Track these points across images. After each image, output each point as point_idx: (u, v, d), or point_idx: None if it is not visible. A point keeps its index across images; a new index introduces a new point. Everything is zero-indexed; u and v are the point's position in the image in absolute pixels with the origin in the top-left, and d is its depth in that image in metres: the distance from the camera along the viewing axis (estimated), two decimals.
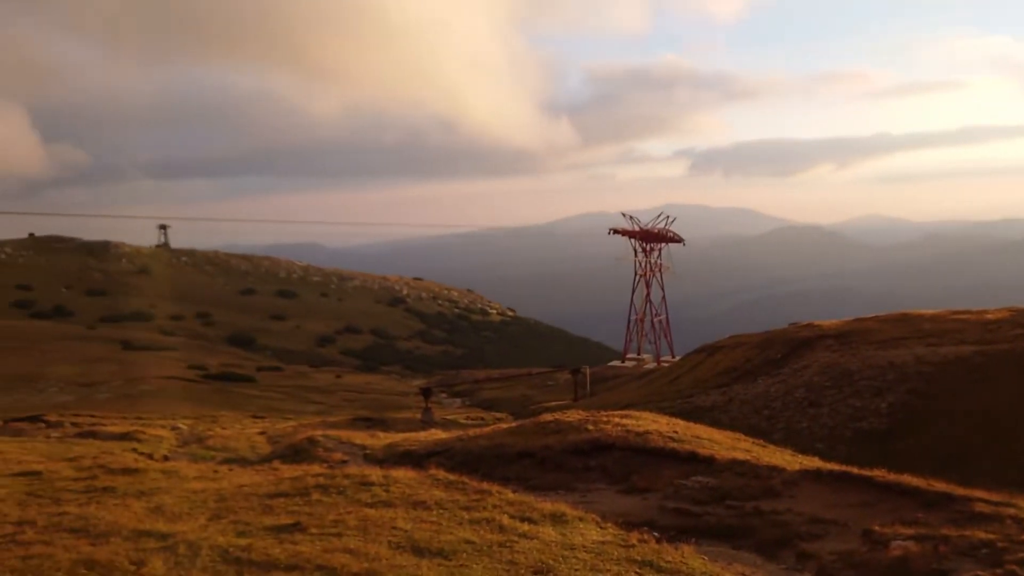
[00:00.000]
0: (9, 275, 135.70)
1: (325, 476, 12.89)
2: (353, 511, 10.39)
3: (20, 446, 23.66)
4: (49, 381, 63.31)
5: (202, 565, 8.14)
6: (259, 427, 40.13)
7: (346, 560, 8.09)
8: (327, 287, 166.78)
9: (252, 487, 12.48)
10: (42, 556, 8.60)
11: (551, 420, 21.22)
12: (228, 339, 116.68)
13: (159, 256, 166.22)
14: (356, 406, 61.94)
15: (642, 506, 13.66)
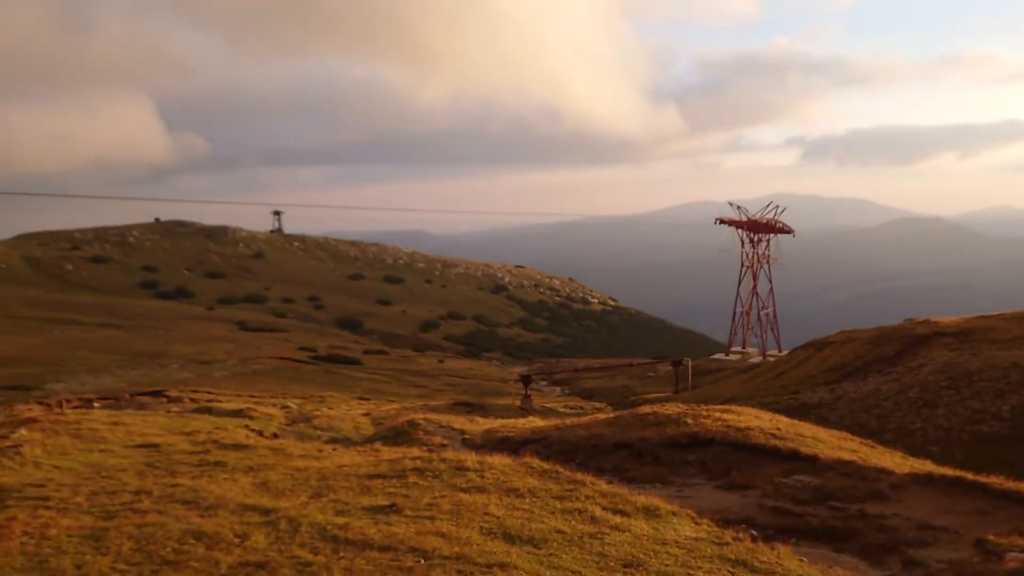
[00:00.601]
0: (137, 257, 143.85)
1: (422, 459, 13.14)
2: (447, 495, 10.56)
3: (143, 419, 25.03)
4: (171, 358, 66.79)
5: (301, 541, 8.44)
6: (364, 409, 41.22)
7: (438, 543, 8.24)
8: (431, 274, 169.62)
9: (352, 467, 12.85)
10: (155, 525, 9.11)
11: (649, 412, 20.98)
12: (337, 322, 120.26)
13: (273, 241, 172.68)
14: (457, 391, 62.87)
15: (740, 503, 13.38)
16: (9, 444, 16.17)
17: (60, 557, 8.07)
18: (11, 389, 48.32)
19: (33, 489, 11.66)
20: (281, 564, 7.70)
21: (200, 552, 8.12)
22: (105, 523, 9.39)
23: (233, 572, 7.57)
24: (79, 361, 61.04)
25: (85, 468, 14.24)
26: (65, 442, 17.26)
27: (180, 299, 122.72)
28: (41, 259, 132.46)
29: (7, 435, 18.16)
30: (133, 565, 7.81)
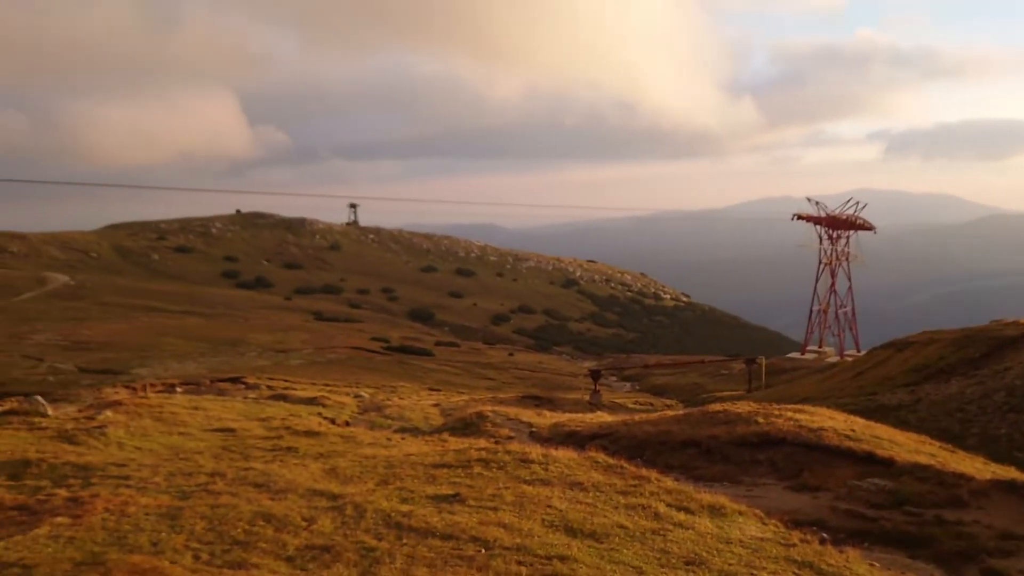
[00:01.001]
0: (219, 248, 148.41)
1: (488, 450, 13.23)
2: (511, 486, 10.61)
3: (221, 404, 25.83)
4: (250, 346, 68.70)
5: (365, 527, 8.60)
6: (434, 399, 41.70)
7: (499, 534, 8.29)
8: (503, 267, 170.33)
9: (419, 456, 13.02)
10: (228, 506, 9.41)
11: (720, 410, 20.67)
12: (409, 314, 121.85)
13: (349, 233, 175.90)
14: (526, 384, 63.04)
15: (811, 505, 13.10)
16: (95, 425, 16.89)
17: (138, 534, 8.40)
18: (101, 373, 50.45)
19: (115, 468, 12.17)
20: (346, 548, 7.87)
21: (269, 534, 8.35)
22: (181, 503, 9.73)
23: (299, 554, 7.77)
24: (164, 347, 63.32)
25: (165, 450, 14.78)
26: (147, 424, 17.94)
27: (259, 289, 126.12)
28: (129, 248, 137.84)
29: (93, 416, 18.99)
30: (206, 544, 8.08)
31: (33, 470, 12.11)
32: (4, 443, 14.40)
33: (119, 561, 7.34)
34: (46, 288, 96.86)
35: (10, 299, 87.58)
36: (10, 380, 45.61)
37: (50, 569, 7.24)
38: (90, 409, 22.17)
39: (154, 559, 7.44)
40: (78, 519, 9.04)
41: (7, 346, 58.81)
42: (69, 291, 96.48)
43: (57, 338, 63.91)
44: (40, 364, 52.62)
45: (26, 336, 64.01)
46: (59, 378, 47.90)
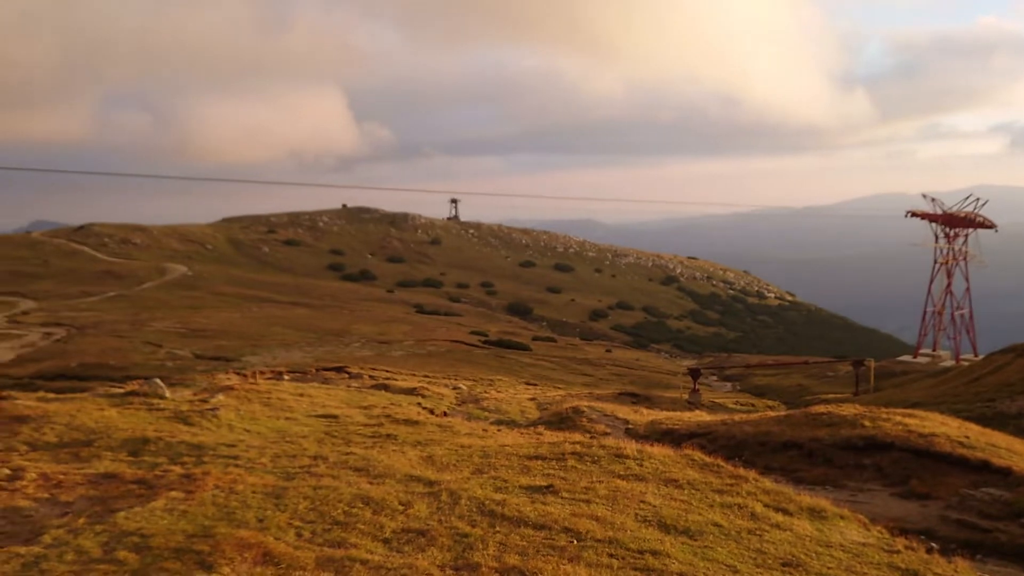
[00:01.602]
0: (326, 241, 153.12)
1: (582, 444, 13.24)
2: (605, 481, 10.60)
3: (326, 392, 26.69)
4: (353, 337, 70.65)
5: (460, 513, 8.76)
6: (530, 393, 41.94)
7: (592, 526, 8.30)
8: (601, 263, 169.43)
9: (514, 448, 13.14)
10: (329, 488, 9.74)
11: (824, 412, 20.04)
12: (508, 308, 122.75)
13: (450, 228, 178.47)
14: (623, 381, 62.59)
15: (919, 513, 12.59)
16: (208, 408, 17.75)
17: (245, 510, 8.81)
18: (215, 360, 52.88)
19: (226, 448, 12.76)
20: (440, 533, 8.04)
21: (367, 516, 8.61)
22: (285, 483, 10.14)
23: (396, 537, 7.98)
24: (273, 336, 65.83)
25: (271, 433, 15.40)
26: (256, 409, 18.72)
27: (363, 281, 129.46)
28: (242, 241, 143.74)
29: (207, 400, 19.95)
30: (307, 523, 8.40)
31: (151, 447, 12.83)
32: (125, 422, 15.30)
33: (228, 535, 7.71)
34: (165, 278, 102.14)
35: (133, 288, 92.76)
36: (132, 364, 48.36)
37: (165, 539, 7.67)
38: (204, 393, 23.29)
39: (260, 535, 7.78)
40: (191, 494, 9.54)
41: (130, 332, 62.33)
42: (187, 281, 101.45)
43: (175, 325, 67.32)
44: (159, 350, 55.54)
45: (147, 323, 67.69)
46: (176, 363, 50.45)
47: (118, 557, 7.28)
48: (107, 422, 15.02)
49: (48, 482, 10.73)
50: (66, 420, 14.90)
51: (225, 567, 6.94)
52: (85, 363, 48.51)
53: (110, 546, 7.66)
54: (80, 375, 44.50)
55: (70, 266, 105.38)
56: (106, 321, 68.24)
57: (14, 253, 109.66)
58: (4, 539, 8.48)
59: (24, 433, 14.03)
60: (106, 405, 17.36)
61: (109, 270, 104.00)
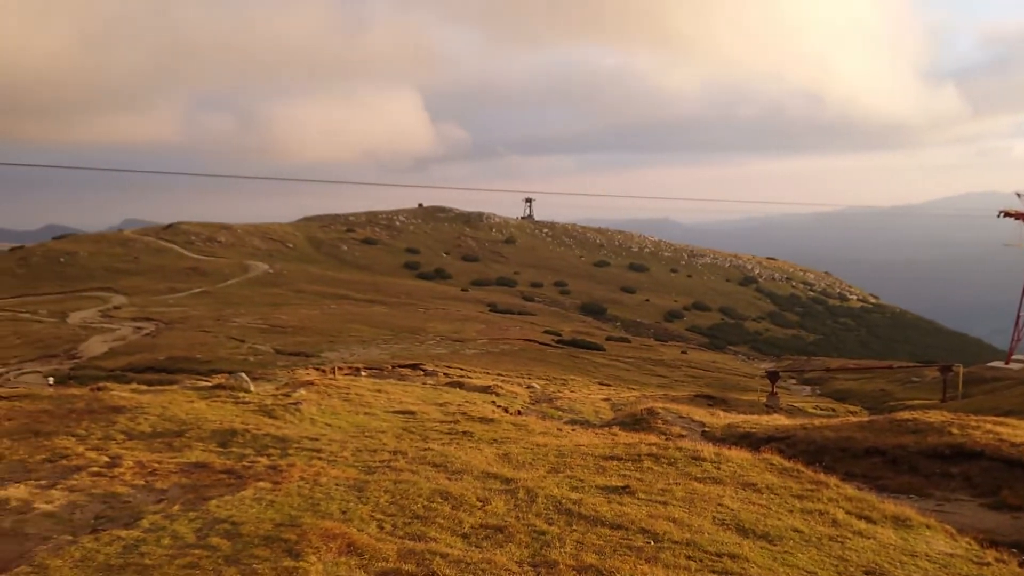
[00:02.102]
0: (402, 240, 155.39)
1: (658, 446, 13.20)
2: (682, 483, 10.56)
3: (402, 389, 27.18)
4: (428, 335, 71.53)
5: (537, 511, 8.86)
6: (604, 394, 41.81)
7: (669, 528, 8.29)
8: (677, 263, 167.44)
9: (589, 447, 13.18)
10: (409, 483, 9.97)
11: (909, 418, 19.47)
12: (581, 308, 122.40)
13: (524, 227, 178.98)
14: (699, 383, 61.76)
15: (1011, 525, 12.15)
16: (291, 402, 18.30)
17: (329, 502, 9.09)
18: (294, 355, 54.24)
19: (309, 442, 13.16)
20: (518, 530, 8.15)
21: (446, 511, 8.79)
22: (366, 477, 10.41)
23: (474, 532, 8.13)
24: (350, 333, 67.16)
25: (351, 427, 15.80)
26: (336, 404, 19.21)
27: (438, 280, 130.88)
28: (321, 240, 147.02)
29: (289, 394, 20.56)
30: (388, 516, 8.63)
31: (238, 439, 13.33)
32: (214, 414, 15.91)
33: (313, 525, 7.99)
34: (248, 275, 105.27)
35: (217, 285, 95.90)
36: (216, 358, 50.01)
37: (255, 527, 7.99)
38: (286, 388, 24.00)
39: (343, 526, 8.03)
40: (277, 485, 9.89)
41: (214, 327, 64.47)
42: (268, 279, 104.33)
43: (257, 321, 69.32)
44: (242, 345, 57.27)
45: (230, 319, 69.89)
46: (258, 358, 51.93)
47: (211, 543, 7.62)
48: (197, 414, 15.64)
49: (144, 470, 11.27)
50: (159, 411, 15.57)
51: (312, 556, 7.19)
52: (173, 356, 50.37)
53: (203, 532, 8.02)
54: (168, 368, 46.24)
55: (159, 263, 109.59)
56: (192, 316, 70.74)
57: (108, 250, 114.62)
58: (106, 522, 8.95)
59: (120, 423, 14.73)
60: (195, 397, 18.08)
61: (195, 267, 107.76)
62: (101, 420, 14.96)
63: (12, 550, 8.29)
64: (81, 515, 9.39)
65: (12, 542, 8.57)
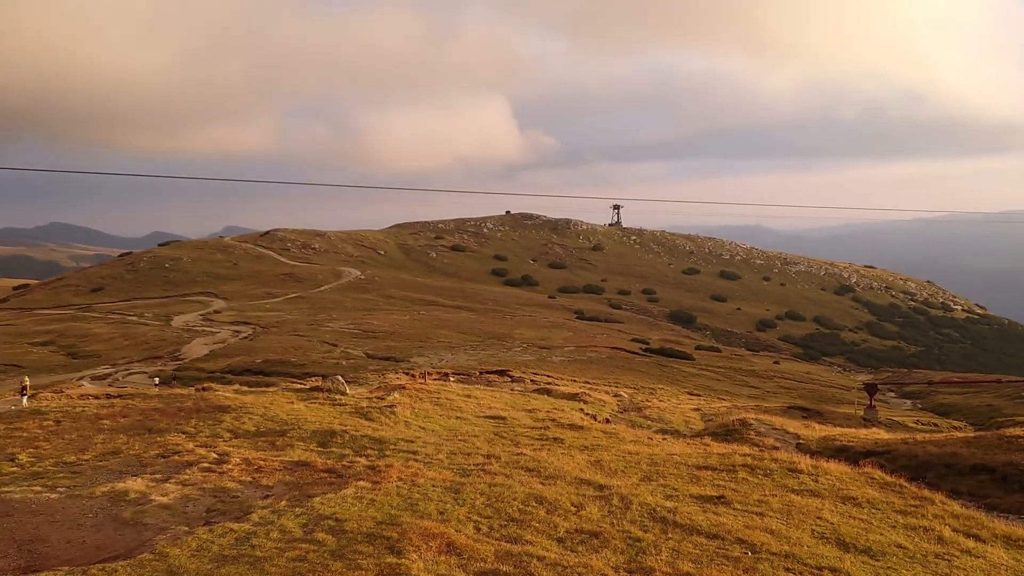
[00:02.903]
0: (490, 247, 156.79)
1: (753, 457, 13.01)
2: (778, 495, 10.40)
3: (490, 394, 27.46)
4: (515, 341, 71.94)
5: (631, 518, 8.88)
6: (694, 404, 41.22)
7: (766, 539, 8.19)
8: (770, 270, 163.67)
9: (682, 457, 13.10)
10: (503, 486, 10.12)
11: (1020, 435, 18.61)
12: (670, 316, 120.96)
13: (611, 234, 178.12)
14: (792, 394, 60.20)
15: None
16: (386, 405, 18.76)
17: (426, 502, 9.33)
18: (385, 360, 55.37)
19: (405, 444, 13.49)
20: (613, 536, 8.19)
21: (541, 515, 8.90)
22: (462, 479, 10.62)
23: (569, 536, 8.21)
24: (439, 339, 68.13)
25: (444, 431, 16.09)
26: (428, 407, 19.58)
27: (525, 287, 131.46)
28: (411, 246, 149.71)
29: (383, 397, 21.06)
30: (485, 518, 8.80)
31: (337, 439, 13.76)
32: (313, 415, 16.45)
33: (413, 525, 8.22)
34: (341, 281, 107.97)
35: (311, 290, 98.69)
36: (311, 362, 51.48)
37: (357, 525, 8.27)
38: (379, 391, 24.59)
39: (442, 526, 8.24)
40: (376, 484, 10.20)
41: (308, 332, 66.37)
42: (360, 284, 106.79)
43: (349, 326, 71.05)
44: (335, 349, 58.77)
45: (323, 323, 71.83)
46: (350, 362, 53.20)
47: (317, 538, 7.93)
48: (297, 415, 16.21)
49: (250, 467, 11.77)
50: (261, 411, 16.21)
51: (412, 554, 7.41)
52: (269, 359, 52.08)
53: (309, 528, 8.35)
54: (264, 371, 47.85)
55: (256, 269, 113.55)
56: (287, 321, 73.02)
57: (209, 256, 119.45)
58: (217, 515, 9.41)
59: (226, 422, 15.40)
60: (295, 399, 18.74)
61: (291, 273, 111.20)
62: (208, 419, 15.68)
63: (134, 538, 8.81)
64: (194, 508, 9.89)
65: (133, 531, 9.10)
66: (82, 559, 8.15)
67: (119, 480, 11.14)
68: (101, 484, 10.95)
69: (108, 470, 11.92)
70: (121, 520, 9.44)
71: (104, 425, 15.48)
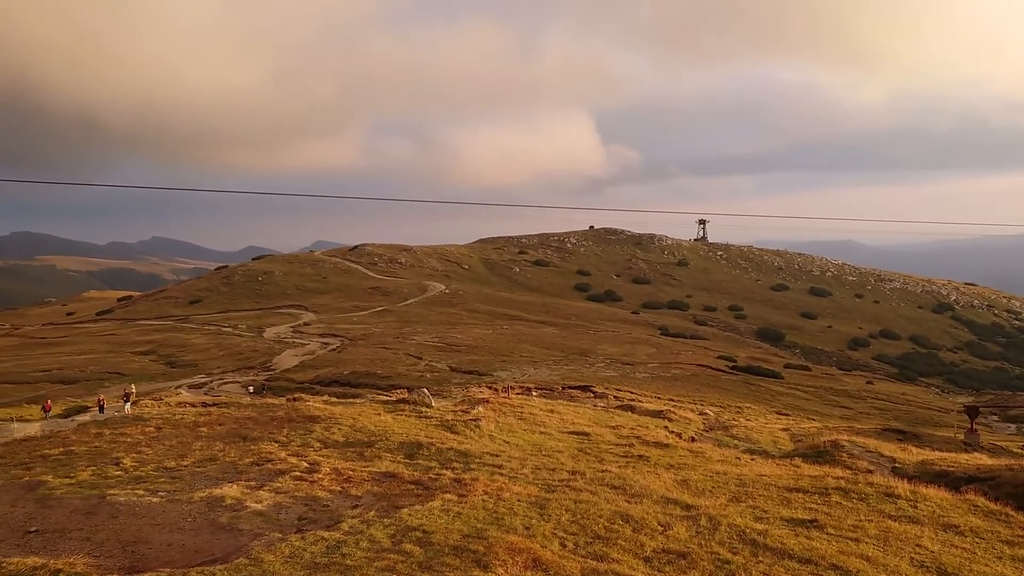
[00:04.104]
0: (573, 262, 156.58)
1: (847, 480, 12.60)
2: (874, 520, 10.04)
3: (573, 410, 27.36)
4: (598, 357, 71.52)
5: (720, 539, 8.71)
6: (782, 424, 40.13)
7: (862, 566, 7.92)
8: (863, 287, 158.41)
9: (772, 478, 12.78)
10: (588, 503, 10.07)
11: None
12: (757, 333, 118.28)
13: (697, 250, 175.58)
14: (887, 416, 57.97)
15: None
16: (471, 418, 18.91)
17: (512, 517, 9.36)
18: (468, 373, 55.84)
19: (490, 457, 13.57)
20: (700, 557, 8.05)
21: (627, 533, 8.82)
22: (547, 495, 10.62)
23: (656, 556, 8.11)
24: (522, 353, 68.31)
25: (528, 446, 16.11)
26: (512, 422, 19.65)
27: (608, 302, 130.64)
28: (495, 261, 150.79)
29: (468, 411, 21.23)
30: (570, 534, 8.77)
31: (424, 452, 13.95)
32: (400, 427, 16.72)
33: (499, 539, 8.26)
34: (426, 295, 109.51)
35: (397, 304, 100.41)
36: (396, 374, 52.32)
37: (444, 537, 8.36)
38: (463, 404, 24.79)
39: (528, 541, 8.25)
40: (462, 498, 10.29)
41: (395, 344, 67.50)
42: (444, 298, 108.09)
43: (433, 339, 71.93)
44: (419, 362, 59.59)
45: (409, 336, 72.94)
46: (434, 375, 53.83)
47: (405, 549, 8.05)
48: (384, 426, 16.50)
49: (339, 476, 12.04)
50: (350, 422, 16.56)
51: (499, 568, 7.44)
52: (356, 371, 53.17)
53: (397, 538, 8.48)
54: (351, 382, 48.87)
55: (345, 282, 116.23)
56: (374, 333, 74.43)
57: (299, 270, 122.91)
58: (308, 523, 9.65)
59: (316, 431, 15.79)
60: (382, 410, 19.07)
61: (377, 286, 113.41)
62: (299, 428, 16.11)
63: (230, 543, 9.12)
64: (286, 515, 10.18)
65: (229, 536, 9.42)
66: (181, 562, 8.48)
67: (216, 486, 11.54)
68: (199, 489, 11.38)
69: (206, 476, 12.38)
70: (218, 525, 9.78)
71: (202, 432, 16.09)
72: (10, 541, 9.62)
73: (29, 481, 12.65)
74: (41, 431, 18.33)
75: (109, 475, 12.67)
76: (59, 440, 16.46)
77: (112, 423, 18.15)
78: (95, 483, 12.12)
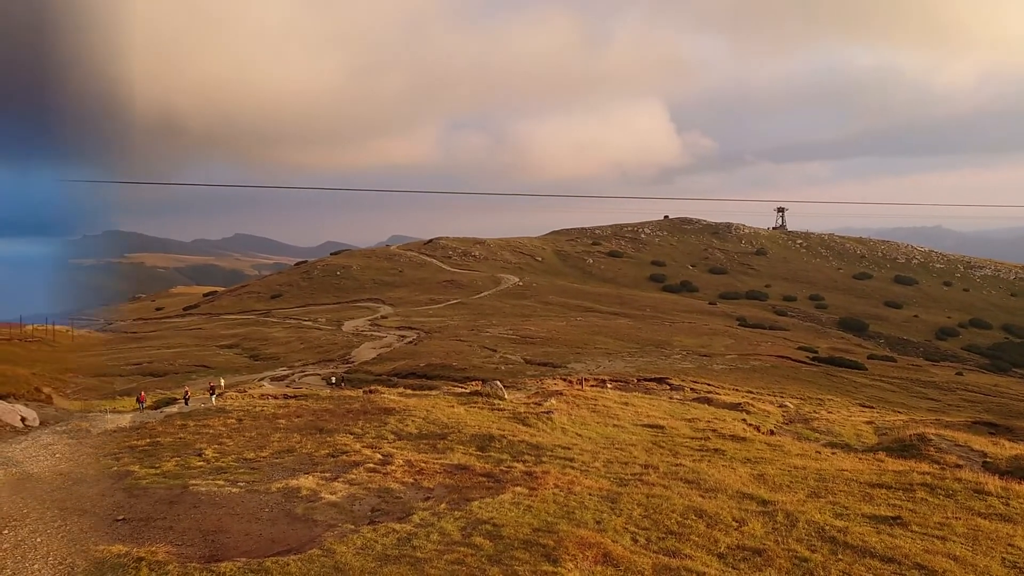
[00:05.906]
0: (647, 253, 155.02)
1: (933, 476, 12.12)
2: (962, 517, 9.62)
3: (648, 402, 27.07)
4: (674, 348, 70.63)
5: (797, 536, 8.46)
6: (866, 416, 38.93)
7: (949, 566, 7.59)
8: (951, 275, 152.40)
9: (853, 473, 12.38)
10: (661, 497, 9.92)
11: None
12: (839, 323, 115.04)
13: (775, 238, 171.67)
14: (978, 409, 55.65)
15: None
16: (543, 411, 18.88)
17: (583, 511, 9.28)
18: (542, 365, 55.84)
19: (561, 450, 13.51)
20: (777, 555, 7.83)
21: (701, 529, 8.65)
22: (619, 489, 10.50)
23: (731, 552, 7.92)
24: (596, 345, 67.96)
25: (601, 439, 15.99)
26: (584, 414, 19.54)
27: (684, 293, 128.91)
28: (568, 253, 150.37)
29: (540, 403, 21.20)
30: (642, 529, 8.64)
31: (496, 444, 13.97)
32: (472, 419, 16.79)
33: (569, 533, 8.20)
34: (500, 287, 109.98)
35: (471, 296, 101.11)
36: (471, 366, 52.69)
37: (514, 531, 8.34)
38: (536, 396, 24.77)
39: (598, 536, 8.17)
40: (533, 491, 10.26)
41: (469, 337, 67.99)
42: (517, 291, 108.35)
43: (507, 332, 72.18)
44: (493, 354, 59.87)
45: (483, 329, 73.37)
46: (508, 367, 54.01)
47: (475, 542, 8.07)
48: (457, 418, 16.60)
49: (412, 468, 12.16)
50: (423, 414, 16.72)
51: (569, 563, 7.38)
52: (431, 363, 53.74)
53: (467, 531, 8.50)
54: (427, 374, 49.43)
55: (420, 276, 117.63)
56: (449, 326, 75.11)
57: (376, 264, 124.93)
58: (381, 515, 9.77)
59: (391, 423, 15.99)
60: (455, 403, 19.20)
61: (452, 279, 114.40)
62: (374, 420, 16.34)
63: (304, 534, 9.30)
64: (359, 507, 10.32)
65: (304, 526, 9.61)
66: (258, 551, 8.68)
67: (292, 477, 11.79)
68: (276, 480, 11.65)
69: (283, 467, 12.66)
70: (293, 516, 9.99)
71: (280, 424, 16.47)
72: (100, 529, 10.02)
73: (118, 471, 13.17)
74: (131, 422, 19.07)
75: (191, 466, 13.08)
76: (146, 431, 17.08)
77: (196, 415, 18.75)
78: (178, 473, 12.55)
